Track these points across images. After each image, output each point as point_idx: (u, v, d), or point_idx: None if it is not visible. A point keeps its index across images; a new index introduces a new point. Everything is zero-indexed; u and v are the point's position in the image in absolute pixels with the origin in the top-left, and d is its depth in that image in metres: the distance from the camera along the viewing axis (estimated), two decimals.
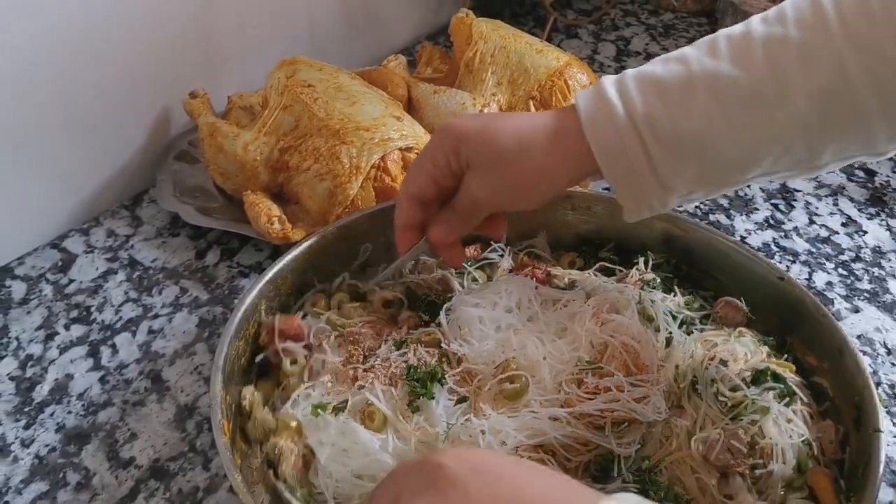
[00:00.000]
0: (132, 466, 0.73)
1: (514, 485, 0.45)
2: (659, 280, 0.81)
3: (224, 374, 0.68)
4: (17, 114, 0.89)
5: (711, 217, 1.02)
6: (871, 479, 0.61)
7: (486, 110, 1.03)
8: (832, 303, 0.90)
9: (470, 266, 0.84)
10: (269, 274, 0.77)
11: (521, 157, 0.66)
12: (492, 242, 0.89)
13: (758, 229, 1.01)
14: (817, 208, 1.04)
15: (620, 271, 0.83)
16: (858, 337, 0.86)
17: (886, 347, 0.85)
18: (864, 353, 0.84)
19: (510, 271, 0.85)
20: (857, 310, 0.89)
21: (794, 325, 0.75)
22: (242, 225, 0.96)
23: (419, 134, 0.97)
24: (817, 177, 1.10)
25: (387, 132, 0.93)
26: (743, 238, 0.98)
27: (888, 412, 0.78)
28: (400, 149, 0.94)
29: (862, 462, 0.64)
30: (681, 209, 1.03)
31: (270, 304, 0.77)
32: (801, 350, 0.75)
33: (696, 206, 1.05)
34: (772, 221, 1.02)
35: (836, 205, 1.05)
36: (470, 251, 0.88)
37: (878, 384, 0.81)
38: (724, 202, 1.05)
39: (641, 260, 0.83)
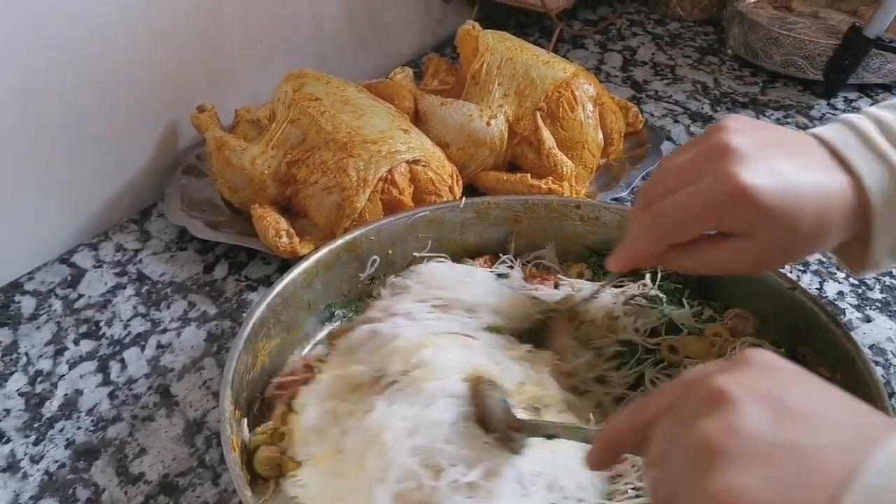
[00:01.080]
0: (141, 482, 0.72)
1: (817, 380, 0.43)
2: (663, 294, 0.81)
3: (233, 389, 0.67)
4: (25, 127, 0.89)
5: None
6: None
7: (492, 122, 1.03)
8: (843, 313, 0.89)
9: None
10: (278, 287, 0.77)
11: (815, 241, 0.61)
12: (500, 255, 0.89)
13: None
14: None
15: (630, 282, 0.83)
16: (871, 347, 0.85)
17: None
18: (877, 363, 0.83)
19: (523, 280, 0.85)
20: (868, 319, 0.89)
21: (805, 336, 0.75)
22: (250, 238, 0.96)
23: (427, 146, 0.97)
24: None
25: (394, 145, 0.93)
26: None
27: None
28: (407, 161, 0.94)
29: None
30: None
31: (279, 317, 0.77)
32: (814, 361, 0.74)
33: None
34: None
35: None
36: (481, 262, 0.88)
37: (891, 395, 0.80)
38: None
39: (648, 275, 0.83)
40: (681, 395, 0.45)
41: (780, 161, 0.59)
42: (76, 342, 0.87)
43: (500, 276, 0.85)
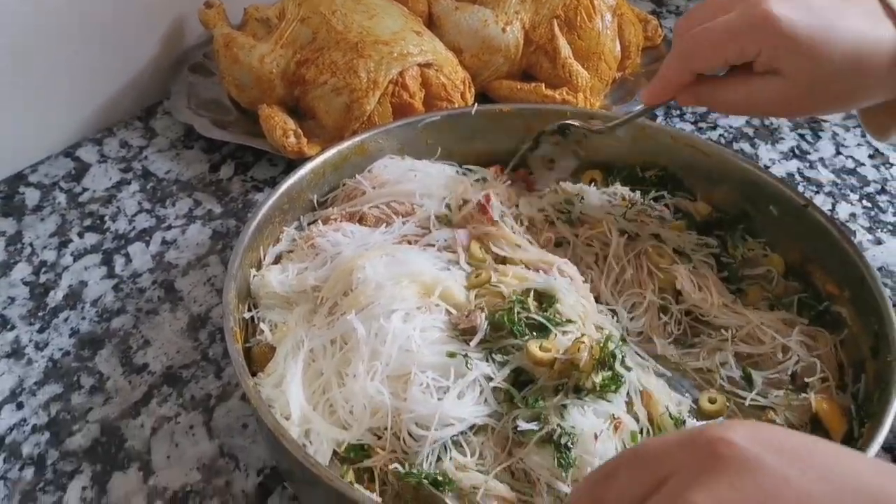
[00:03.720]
0: (145, 372, 0.73)
1: (831, 471, 0.35)
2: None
3: (237, 283, 0.67)
4: (31, 20, 0.87)
5: (735, 146, 1.00)
6: (887, 406, 0.60)
7: (508, 29, 1.00)
8: (854, 234, 0.88)
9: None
10: (285, 185, 0.76)
11: (852, 84, 0.60)
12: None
13: (782, 159, 0.98)
14: (844, 139, 1.02)
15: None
16: (880, 269, 0.84)
17: None
18: (885, 284, 0.82)
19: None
20: (879, 241, 0.88)
21: (815, 253, 0.74)
22: (257, 139, 0.94)
23: (440, 50, 0.94)
24: None
25: (406, 47, 0.91)
26: (767, 167, 0.96)
27: None
28: (419, 64, 0.91)
29: (878, 389, 0.63)
30: (704, 135, 1.01)
31: (285, 216, 0.77)
32: (822, 279, 0.73)
33: (720, 135, 1.02)
34: (797, 151, 0.99)
35: (863, 136, 1.02)
36: (492, 171, 0.86)
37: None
38: (749, 131, 1.03)
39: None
40: (643, 496, 0.38)
41: (820, 1, 0.58)
42: (80, 235, 0.86)
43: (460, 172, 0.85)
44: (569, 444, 0.58)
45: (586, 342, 0.61)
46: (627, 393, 0.62)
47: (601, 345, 0.61)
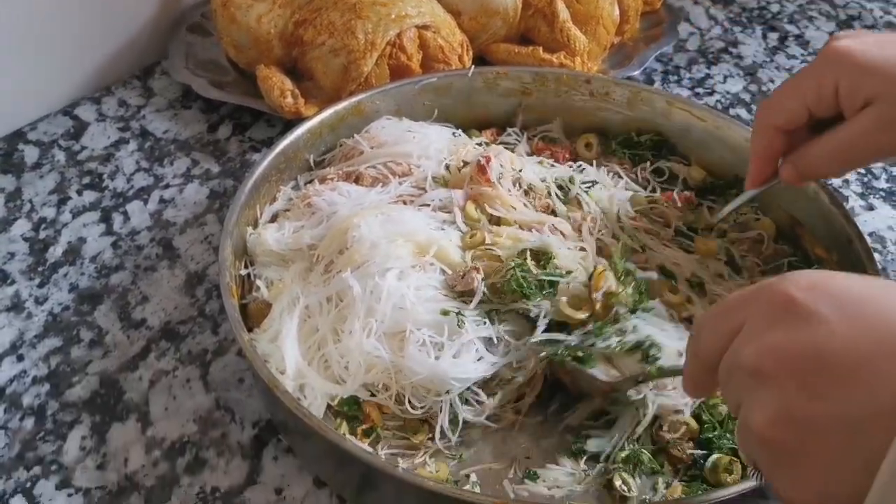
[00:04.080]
0: (143, 327, 0.74)
1: (880, 321, 0.38)
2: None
3: (233, 240, 0.68)
4: None
5: (732, 111, 1.00)
6: None
7: None
8: (847, 200, 0.89)
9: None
10: (282, 145, 0.77)
11: None
12: (506, 128, 0.88)
13: None
14: None
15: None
16: (870, 234, 0.85)
17: None
18: (875, 250, 0.83)
19: (528, 155, 0.84)
20: (871, 207, 0.89)
21: (805, 217, 0.75)
22: (255, 99, 0.95)
23: (437, 12, 0.94)
24: None
25: (404, 8, 0.91)
26: None
27: None
28: (417, 26, 0.92)
29: None
30: (701, 101, 1.01)
31: (281, 175, 0.77)
32: (811, 241, 0.75)
33: (717, 100, 1.02)
34: None
35: None
36: (486, 135, 0.87)
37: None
38: (747, 97, 1.03)
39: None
40: (725, 344, 0.44)
41: (886, 37, 0.59)
42: (79, 192, 0.87)
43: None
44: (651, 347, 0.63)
45: (601, 268, 0.66)
46: None
47: (615, 265, 0.67)
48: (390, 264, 0.67)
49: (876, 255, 0.79)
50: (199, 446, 0.65)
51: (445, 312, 0.65)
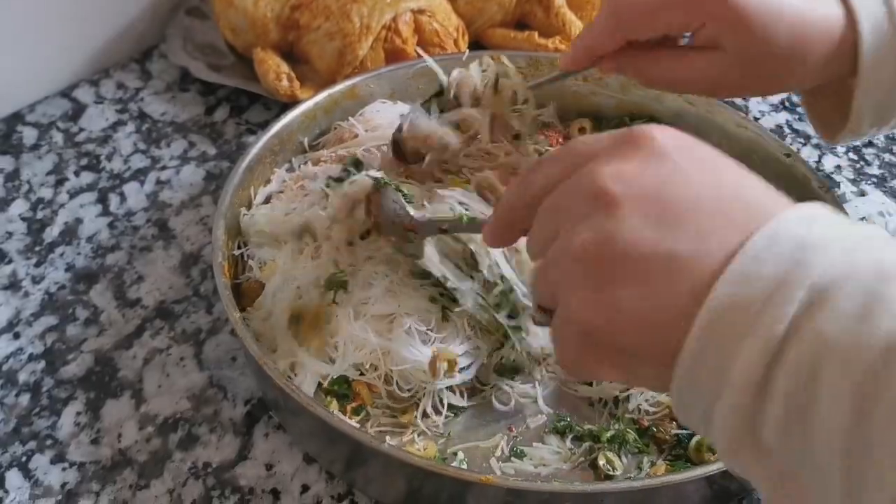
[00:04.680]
0: (138, 306, 0.75)
1: (716, 166, 0.40)
2: None
3: (226, 220, 0.69)
4: None
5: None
6: None
7: None
8: (838, 186, 0.89)
9: None
10: (276, 127, 0.78)
11: (791, 64, 0.56)
12: None
13: (772, 111, 0.99)
14: None
15: None
16: (861, 219, 0.86)
17: (888, 231, 0.85)
18: None
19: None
20: (862, 193, 0.89)
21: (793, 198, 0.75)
22: (252, 83, 0.95)
23: None
24: None
25: None
26: (756, 119, 0.97)
27: None
28: (412, 10, 0.92)
29: None
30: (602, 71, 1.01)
31: (275, 157, 0.78)
32: None
33: None
34: (787, 104, 1.00)
35: None
36: None
37: None
38: None
39: None
40: (563, 176, 0.41)
41: None
42: (77, 173, 0.88)
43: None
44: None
45: None
46: None
47: None
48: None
49: None
50: (192, 423, 0.66)
51: (433, 299, 0.66)
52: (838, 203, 0.71)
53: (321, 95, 0.82)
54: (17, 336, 0.72)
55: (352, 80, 0.84)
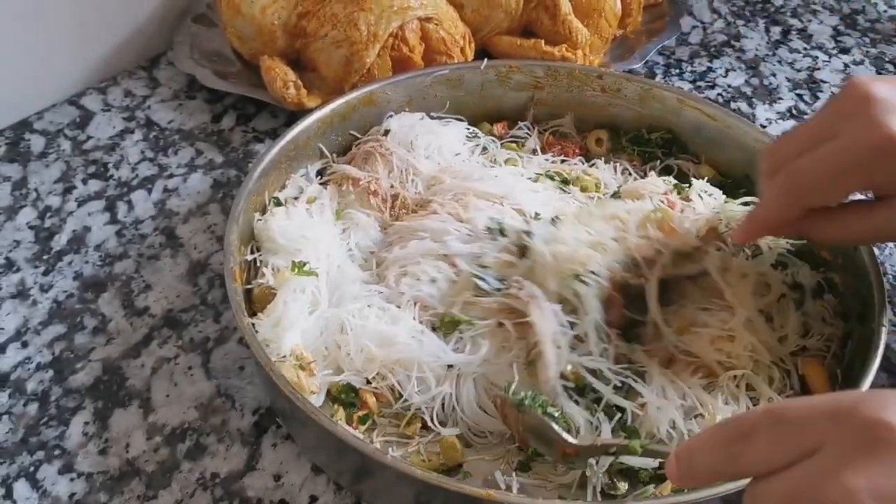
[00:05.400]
0: (146, 315, 0.75)
1: None
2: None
3: (239, 225, 0.69)
4: None
5: (733, 105, 1.01)
6: (867, 372, 0.61)
7: None
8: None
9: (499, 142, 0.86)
10: (292, 133, 0.78)
11: None
12: (518, 122, 0.88)
13: (779, 119, 0.99)
14: None
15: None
16: None
17: None
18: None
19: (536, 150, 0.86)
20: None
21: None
22: (259, 90, 0.95)
23: (440, 4, 0.95)
24: (846, 68, 1.08)
25: (406, 0, 0.92)
26: (763, 127, 0.96)
27: (889, 301, 0.79)
28: (419, 18, 0.92)
29: (860, 356, 0.64)
30: (702, 94, 1.01)
31: (291, 163, 0.78)
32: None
33: (718, 94, 1.03)
34: (795, 112, 1.00)
35: None
36: (497, 128, 0.87)
37: (883, 273, 0.81)
38: (748, 90, 1.03)
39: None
40: (784, 460, 0.38)
41: None
42: (84, 181, 0.88)
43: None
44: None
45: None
46: None
47: None
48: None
49: (874, 250, 0.80)
50: (200, 432, 0.66)
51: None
52: None
53: (338, 102, 0.82)
54: (25, 345, 0.72)
55: (369, 86, 0.84)
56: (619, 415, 0.61)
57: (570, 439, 0.57)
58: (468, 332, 0.66)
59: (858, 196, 0.60)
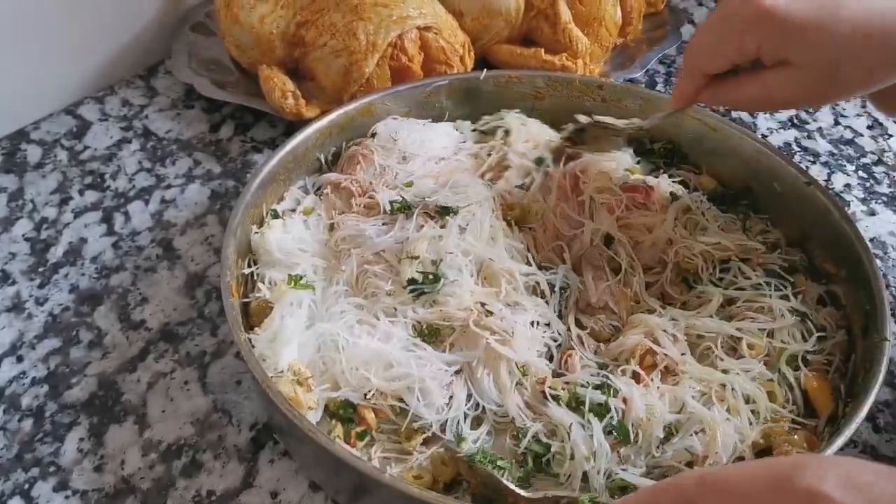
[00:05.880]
0: (143, 328, 0.74)
1: None
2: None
3: (236, 239, 0.68)
4: None
5: (733, 114, 1.00)
6: (871, 386, 0.60)
7: None
8: (849, 205, 0.89)
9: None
10: (290, 144, 0.77)
11: (868, 63, 0.56)
12: None
13: (780, 128, 0.98)
14: (844, 109, 1.01)
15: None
16: (871, 240, 0.85)
17: None
18: (876, 255, 0.83)
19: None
20: (872, 213, 0.88)
21: (815, 231, 0.74)
22: (257, 100, 0.95)
23: (439, 13, 0.94)
24: None
25: (405, 10, 0.91)
26: (764, 136, 0.96)
27: (893, 314, 0.78)
28: (418, 27, 0.91)
29: (864, 369, 0.64)
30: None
31: (290, 175, 0.77)
32: (820, 256, 0.74)
33: None
34: (796, 121, 0.99)
35: (864, 107, 1.02)
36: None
37: (886, 286, 0.80)
38: None
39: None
40: None
41: None
42: (81, 192, 0.87)
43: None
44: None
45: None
46: None
47: None
48: None
49: (877, 261, 0.79)
50: (196, 449, 0.65)
51: None
52: (858, 234, 0.70)
53: (336, 113, 0.81)
54: (20, 359, 0.71)
55: (368, 97, 0.83)
56: (608, 415, 0.61)
57: (520, 492, 0.58)
58: (450, 338, 0.66)
59: None
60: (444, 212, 0.73)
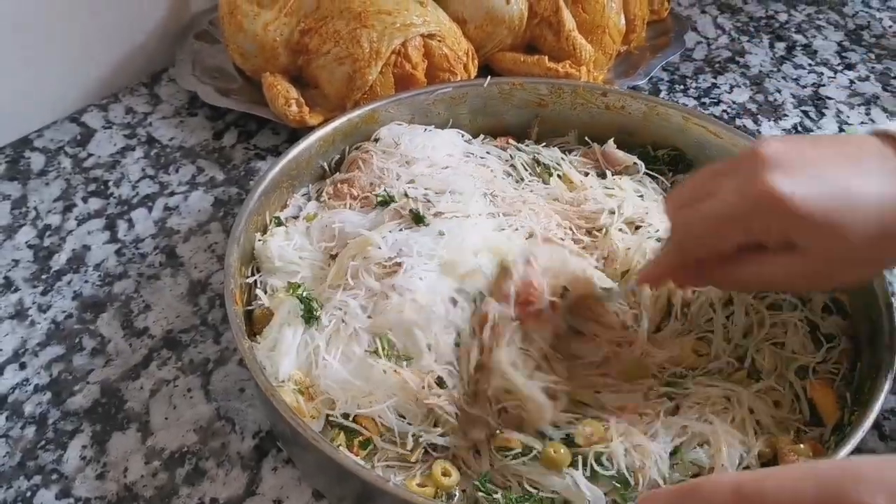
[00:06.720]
0: (146, 336, 0.74)
1: None
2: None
3: (240, 247, 0.68)
4: None
5: (738, 121, 1.00)
6: (876, 395, 0.60)
7: (512, 0, 0.99)
8: None
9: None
10: (294, 152, 0.77)
11: (880, 251, 0.53)
12: (522, 140, 0.87)
13: (785, 135, 0.98)
14: (848, 117, 1.01)
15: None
16: None
17: None
18: None
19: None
20: None
21: None
22: (261, 107, 0.95)
23: (442, 21, 0.94)
24: (851, 84, 1.07)
25: (409, 17, 0.91)
26: None
27: None
28: (422, 35, 0.92)
29: (870, 378, 0.63)
30: (707, 110, 1.00)
31: (293, 182, 0.77)
32: None
33: (723, 111, 1.02)
34: (800, 129, 0.99)
35: (867, 114, 1.02)
36: (500, 143, 0.87)
37: (893, 294, 0.80)
38: (753, 107, 1.03)
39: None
40: None
41: (827, 165, 0.52)
42: (84, 200, 0.87)
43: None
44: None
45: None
46: None
47: None
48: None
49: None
50: (199, 456, 0.65)
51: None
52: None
53: (340, 120, 0.81)
54: (23, 366, 0.71)
55: (371, 104, 0.83)
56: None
57: None
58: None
59: None
60: (416, 219, 0.71)
